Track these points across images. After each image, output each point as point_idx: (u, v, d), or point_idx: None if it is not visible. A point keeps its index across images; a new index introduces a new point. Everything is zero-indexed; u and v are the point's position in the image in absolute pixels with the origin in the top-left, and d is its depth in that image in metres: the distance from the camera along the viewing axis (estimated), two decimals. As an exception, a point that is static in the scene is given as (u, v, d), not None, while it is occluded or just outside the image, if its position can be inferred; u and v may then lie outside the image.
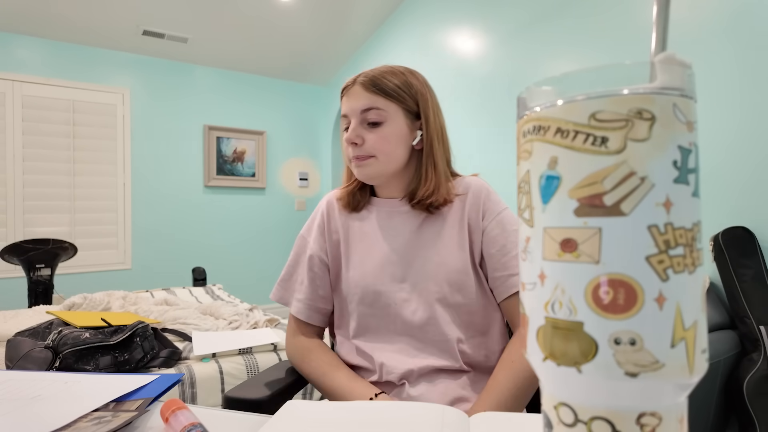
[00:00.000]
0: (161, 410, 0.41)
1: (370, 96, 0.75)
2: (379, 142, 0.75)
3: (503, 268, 0.75)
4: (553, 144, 0.20)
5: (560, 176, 0.19)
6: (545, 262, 0.20)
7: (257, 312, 2.00)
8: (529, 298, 0.21)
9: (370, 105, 0.75)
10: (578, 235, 0.19)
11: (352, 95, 0.76)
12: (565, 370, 0.19)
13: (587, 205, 0.19)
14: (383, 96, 0.75)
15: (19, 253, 2.59)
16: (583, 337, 0.19)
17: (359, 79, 0.77)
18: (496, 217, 0.78)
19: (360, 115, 0.76)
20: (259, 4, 3.03)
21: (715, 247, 1.48)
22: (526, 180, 0.21)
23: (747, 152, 1.46)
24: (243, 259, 4.00)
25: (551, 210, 0.20)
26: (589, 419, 0.19)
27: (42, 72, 3.23)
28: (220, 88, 3.92)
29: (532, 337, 0.21)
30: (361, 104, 0.75)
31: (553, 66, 2.12)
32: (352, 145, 0.77)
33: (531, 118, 0.21)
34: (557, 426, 0.21)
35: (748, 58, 1.46)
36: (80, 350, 1.22)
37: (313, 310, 0.84)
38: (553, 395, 0.21)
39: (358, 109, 0.76)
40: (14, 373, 0.54)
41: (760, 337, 1.32)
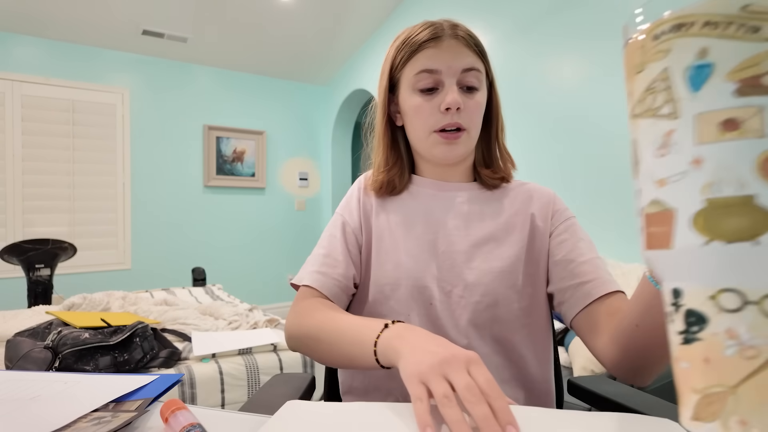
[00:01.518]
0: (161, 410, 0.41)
1: (472, 55, 0.63)
2: (476, 111, 0.64)
3: (571, 276, 0.63)
4: (701, 36, 0.22)
5: (713, 63, 0.21)
6: (702, 147, 0.21)
7: (257, 312, 2.00)
8: (677, 189, 0.22)
9: (473, 65, 0.63)
10: (741, 114, 0.20)
11: (449, 49, 0.62)
12: (737, 247, 0.20)
13: (748, 85, 0.20)
14: (480, 57, 0.65)
15: (18, 253, 2.59)
16: (756, 210, 0.20)
17: (458, 32, 0.63)
18: (564, 222, 0.68)
19: (459, 75, 0.62)
20: (259, 4, 3.03)
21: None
22: (662, 78, 0.23)
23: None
24: (243, 259, 4.00)
25: (705, 96, 0.21)
26: (761, 298, 0.20)
27: (42, 72, 3.23)
28: (219, 88, 3.92)
29: (685, 226, 0.22)
30: (464, 62, 0.62)
31: (555, 64, 2.12)
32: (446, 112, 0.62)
33: (667, 20, 0.23)
34: (716, 317, 0.21)
35: (748, 58, 1.45)
36: (80, 350, 1.22)
37: (342, 290, 0.67)
38: (713, 283, 0.21)
39: (459, 67, 0.62)
40: (14, 374, 0.54)
41: (760, 337, 1.32)
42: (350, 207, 0.72)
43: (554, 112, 2.13)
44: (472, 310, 0.63)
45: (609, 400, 0.63)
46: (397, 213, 0.70)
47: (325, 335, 0.57)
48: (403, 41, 0.65)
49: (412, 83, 0.64)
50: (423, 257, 0.65)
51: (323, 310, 0.61)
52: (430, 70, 0.62)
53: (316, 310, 0.61)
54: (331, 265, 0.67)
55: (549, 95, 2.14)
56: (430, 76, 0.63)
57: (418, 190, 0.71)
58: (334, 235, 0.70)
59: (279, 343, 1.55)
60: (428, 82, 0.63)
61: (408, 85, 0.65)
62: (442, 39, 0.62)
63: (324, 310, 0.61)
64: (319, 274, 0.66)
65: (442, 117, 0.63)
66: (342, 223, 0.71)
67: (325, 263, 0.67)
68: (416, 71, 0.63)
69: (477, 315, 0.63)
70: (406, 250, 0.66)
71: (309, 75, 4.20)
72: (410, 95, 0.65)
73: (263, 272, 4.09)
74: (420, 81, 0.63)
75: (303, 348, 0.62)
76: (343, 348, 0.54)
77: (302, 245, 4.26)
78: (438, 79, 0.63)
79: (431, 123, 0.64)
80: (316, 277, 0.66)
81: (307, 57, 3.84)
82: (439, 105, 0.63)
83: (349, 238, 0.69)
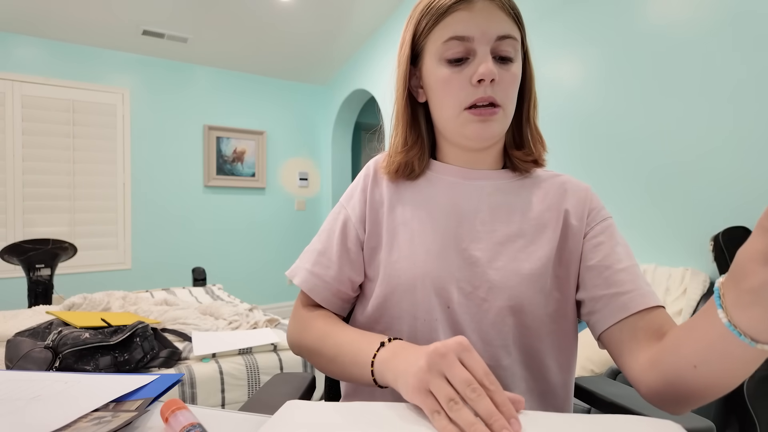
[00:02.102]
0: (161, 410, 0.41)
1: (508, 20, 0.55)
2: (512, 85, 0.57)
3: (605, 285, 0.55)
4: None
5: None
6: None
7: (257, 312, 2.00)
8: None
9: (509, 32, 0.55)
10: None
11: (483, 12, 0.54)
12: None
13: None
14: (517, 24, 0.57)
15: (18, 253, 2.59)
16: None
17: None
18: (601, 222, 0.60)
19: (494, 44, 0.54)
20: (259, 4, 3.03)
21: (715, 247, 1.48)
22: None
23: (747, 152, 1.46)
24: (243, 259, 4.00)
25: None
26: None
27: (42, 72, 3.23)
28: (219, 88, 3.92)
29: None
30: (500, 28, 0.54)
31: (555, 64, 2.12)
32: (479, 84, 0.54)
33: None
34: None
35: (748, 58, 1.46)
36: (80, 350, 1.22)
37: (333, 294, 0.63)
38: None
39: (494, 33, 0.54)
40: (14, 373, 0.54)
41: (760, 337, 1.32)
42: (354, 199, 0.66)
43: (556, 112, 2.13)
44: (495, 314, 0.56)
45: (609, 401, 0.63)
46: (414, 203, 0.63)
47: (325, 351, 0.57)
48: (429, 3, 0.57)
49: (440, 52, 0.56)
50: (442, 254, 0.58)
51: (322, 324, 0.60)
52: (461, 37, 0.54)
53: (315, 322, 0.61)
54: (325, 266, 0.63)
55: (549, 95, 2.14)
56: (460, 43, 0.54)
57: (439, 177, 0.64)
58: (333, 231, 0.65)
59: (279, 343, 1.55)
60: (458, 50, 0.55)
61: (434, 55, 0.57)
62: (473, 1, 0.54)
63: (322, 324, 0.60)
64: (311, 275, 0.63)
65: (474, 90, 0.55)
66: (343, 218, 0.65)
67: (318, 262, 0.64)
68: (445, 38, 0.55)
69: (500, 320, 0.56)
70: (422, 245, 0.59)
71: (309, 75, 4.20)
72: (437, 66, 0.57)
73: (263, 272, 4.09)
74: (449, 49, 0.55)
75: (305, 357, 0.62)
76: (342, 367, 0.54)
77: (302, 245, 4.26)
78: (470, 48, 0.54)
79: (462, 98, 0.56)
80: (308, 279, 0.63)
81: (307, 57, 3.84)
82: (470, 77, 0.55)
83: (349, 235, 0.64)
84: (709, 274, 1.53)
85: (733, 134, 1.50)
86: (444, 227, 0.60)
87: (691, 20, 1.60)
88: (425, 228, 0.60)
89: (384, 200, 0.64)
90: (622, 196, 1.85)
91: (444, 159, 0.65)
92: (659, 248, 1.72)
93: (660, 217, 1.72)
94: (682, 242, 1.64)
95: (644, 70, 1.76)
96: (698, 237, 1.58)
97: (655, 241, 1.73)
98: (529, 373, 0.58)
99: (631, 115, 1.81)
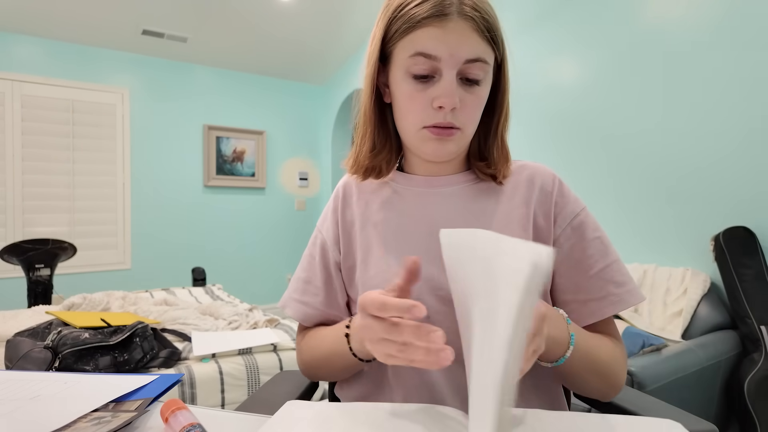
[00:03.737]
0: (161, 410, 0.41)
1: (481, 42, 0.52)
2: (474, 109, 0.55)
3: (575, 290, 0.57)
4: None
5: None
6: None
7: (257, 312, 2.00)
8: None
9: (479, 56, 0.52)
10: None
11: (454, 32, 0.51)
12: None
13: None
14: (491, 45, 0.53)
15: (18, 253, 2.59)
16: None
17: (466, 11, 0.51)
18: (572, 221, 0.59)
19: (461, 67, 0.52)
20: (259, 4, 3.03)
21: (716, 246, 1.48)
22: None
23: (748, 152, 1.46)
24: (243, 259, 4.00)
25: None
26: None
27: (41, 72, 3.23)
28: (219, 88, 3.91)
29: None
30: (470, 51, 0.51)
31: (556, 64, 2.12)
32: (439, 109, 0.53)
33: None
34: None
35: (748, 58, 1.46)
36: (80, 350, 1.22)
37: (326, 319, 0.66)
38: None
39: (462, 56, 0.51)
40: (14, 373, 0.54)
41: (761, 337, 1.32)
42: (327, 222, 0.67)
43: (556, 112, 2.13)
44: None
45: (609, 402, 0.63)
46: (385, 219, 0.63)
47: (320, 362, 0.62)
48: (400, 7, 0.54)
49: (406, 65, 0.54)
50: None
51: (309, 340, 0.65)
52: (428, 55, 0.52)
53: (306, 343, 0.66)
54: (313, 293, 0.65)
55: (548, 95, 2.14)
56: (427, 61, 0.52)
57: (406, 189, 0.64)
58: (314, 257, 0.67)
59: (279, 343, 1.54)
60: (424, 67, 0.53)
61: (400, 66, 0.55)
62: (448, 17, 0.51)
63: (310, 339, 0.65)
64: (301, 304, 0.65)
65: (434, 113, 0.54)
66: (320, 243, 0.67)
67: (306, 291, 0.66)
68: (411, 52, 0.53)
69: None
70: (396, 259, 0.59)
71: (309, 75, 4.19)
72: (402, 78, 0.55)
73: (263, 272, 4.09)
74: (415, 65, 0.53)
75: (318, 377, 0.66)
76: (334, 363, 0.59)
77: (302, 245, 4.26)
78: (435, 66, 0.52)
79: (422, 118, 0.55)
80: (299, 309, 0.66)
81: (306, 57, 3.84)
82: (432, 99, 0.53)
83: (329, 259, 0.65)
84: (710, 274, 1.53)
85: (733, 134, 1.50)
86: (416, 238, 0.60)
87: (691, 21, 1.60)
88: (398, 242, 0.61)
89: (355, 220, 0.65)
90: (623, 196, 1.85)
91: (409, 167, 0.66)
92: (660, 248, 1.72)
93: (660, 217, 1.72)
94: (682, 242, 1.64)
95: (645, 71, 1.76)
96: (699, 237, 1.58)
97: (656, 241, 1.73)
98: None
99: (631, 115, 1.81)
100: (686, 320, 1.43)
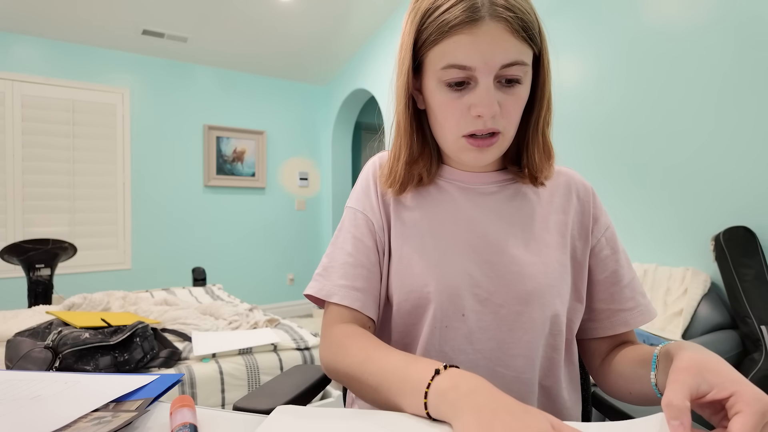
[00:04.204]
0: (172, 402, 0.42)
1: (517, 44, 0.48)
2: (515, 110, 0.52)
3: (610, 300, 0.59)
4: None
5: None
6: None
7: (257, 312, 2.00)
8: None
9: (515, 59, 0.49)
10: None
11: (487, 37, 0.47)
12: None
13: None
14: (528, 44, 0.50)
15: (18, 253, 2.59)
16: None
17: (502, 11, 0.47)
18: (605, 233, 0.60)
19: (498, 71, 0.49)
20: (259, 4, 3.03)
21: (716, 246, 1.48)
22: None
23: (748, 152, 1.46)
24: (243, 259, 4.00)
25: None
26: None
27: (42, 72, 3.23)
28: (219, 88, 3.91)
29: None
30: (506, 56, 0.48)
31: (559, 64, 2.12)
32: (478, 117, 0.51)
33: None
34: None
35: (748, 58, 1.45)
36: (80, 350, 1.22)
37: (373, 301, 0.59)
38: None
39: (498, 63, 0.48)
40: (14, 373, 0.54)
41: (761, 336, 1.32)
42: (371, 202, 0.61)
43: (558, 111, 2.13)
44: (513, 320, 0.55)
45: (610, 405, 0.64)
46: (423, 208, 0.60)
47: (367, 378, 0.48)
48: (429, 11, 0.50)
49: (438, 75, 0.51)
50: (454, 261, 0.56)
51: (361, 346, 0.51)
52: (461, 66, 0.49)
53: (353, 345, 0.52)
54: (365, 277, 0.58)
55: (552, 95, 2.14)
56: (460, 71, 0.49)
57: (447, 183, 0.61)
58: (361, 240, 0.59)
59: (279, 343, 1.55)
60: (458, 76, 0.50)
61: (433, 76, 0.52)
62: (479, 22, 0.47)
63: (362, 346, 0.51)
64: (354, 290, 0.57)
65: (473, 121, 0.51)
66: (366, 224, 0.60)
67: (359, 275, 0.57)
68: (443, 65, 0.50)
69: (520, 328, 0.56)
70: (434, 252, 0.57)
71: (309, 75, 4.20)
72: (436, 87, 0.52)
73: (263, 272, 4.09)
74: (448, 75, 0.50)
75: (342, 383, 0.55)
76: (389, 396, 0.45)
77: (302, 245, 4.26)
78: (471, 75, 0.49)
79: (461, 126, 0.52)
80: (352, 295, 0.56)
81: (307, 57, 3.84)
82: (469, 106, 0.51)
83: (379, 243, 0.60)
84: (710, 274, 1.53)
85: (734, 134, 1.50)
86: (454, 234, 0.58)
87: (697, 21, 1.60)
88: (435, 235, 0.58)
89: (391, 205, 0.61)
90: (624, 196, 1.85)
91: (449, 162, 0.63)
92: (660, 248, 1.72)
93: (661, 216, 1.72)
94: (683, 242, 1.64)
95: (648, 71, 1.75)
96: (699, 237, 1.58)
97: (656, 240, 1.73)
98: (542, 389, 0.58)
99: (633, 115, 1.81)
100: (686, 320, 1.43)
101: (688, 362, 0.37)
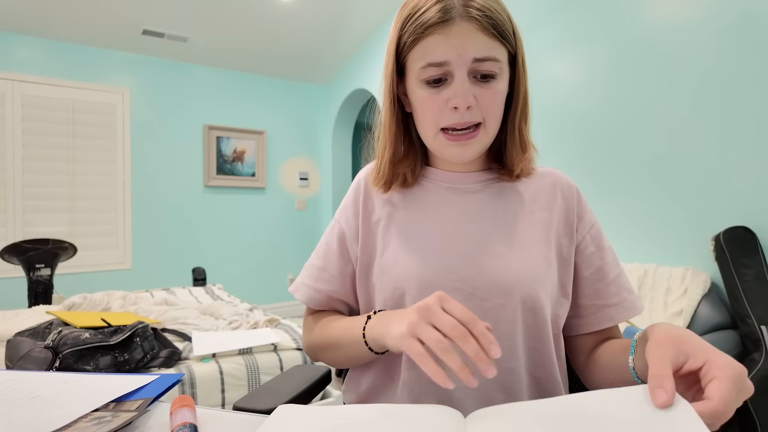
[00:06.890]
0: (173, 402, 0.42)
1: (488, 41, 0.52)
2: (493, 101, 0.55)
3: (595, 296, 0.60)
4: None
5: None
6: None
7: (257, 312, 2.00)
8: None
9: (489, 54, 0.53)
10: None
11: (459, 36, 0.52)
12: None
13: None
14: (500, 41, 0.54)
15: (18, 253, 2.59)
16: None
17: (472, 12, 0.52)
18: (590, 230, 0.62)
19: (471, 65, 0.53)
20: (259, 4, 3.03)
21: (716, 246, 1.48)
22: None
23: (748, 152, 1.46)
24: (243, 259, 4.00)
25: None
26: None
27: (42, 72, 3.23)
28: (219, 88, 3.91)
29: None
30: (476, 51, 0.52)
31: (557, 62, 2.12)
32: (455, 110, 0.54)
33: None
34: None
35: (748, 58, 1.45)
36: (80, 350, 1.22)
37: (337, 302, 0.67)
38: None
39: (470, 56, 0.52)
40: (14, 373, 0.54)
41: (761, 336, 1.32)
42: (347, 213, 0.66)
43: (557, 110, 2.13)
44: (497, 314, 0.56)
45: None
46: (408, 211, 0.63)
47: (328, 341, 0.61)
48: (409, 16, 0.55)
49: (418, 75, 0.55)
50: (438, 258, 0.58)
51: (322, 322, 0.64)
52: (437, 63, 0.53)
53: (318, 322, 0.65)
54: (327, 281, 0.66)
55: (550, 93, 2.14)
56: (437, 68, 0.53)
57: (431, 183, 0.64)
58: (331, 246, 0.67)
59: (279, 342, 1.55)
60: (435, 73, 0.54)
61: (414, 75, 0.56)
62: (451, 22, 0.51)
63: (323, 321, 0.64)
64: (313, 290, 0.66)
65: (450, 114, 0.54)
66: (339, 233, 0.66)
67: (320, 278, 0.66)
68: (422, 64, 0.54)
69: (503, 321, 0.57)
70: (417, 250, 0.59)
71: (309, 75, 4.19)
72: (416, 86, 0.56)
73: (263, 272, 4.09)
74: (425, 73, 0.54)
75: (320, 358, 0.65)
76: (344, 349, 0.58)
77: (302, 245, 4.26)
78: (447, 70, 0.53)
79: (438, 119, 0.55)
80: (310, 294, 0.66)
81: (307, 57, 3.84)
82: (447, 100, 0.54)
83: (350, 249, 0.65)
84: (710, 274, 1.53)
85: (734, 134, 1.50)
86: (438, 231, 0.60)
87: (694, 20, 1.60)
88: (419, 233, 0.61)
89: (376, 211, 0.65)
90: (623, 196, 1.85)
91: (434, 163, 0.66)
92: (660, 248, 1.72)
93: (661, 216, 1.72)
94: (683, 242, 1.64)
95: (647, 69, 1.75)
96: (699, 237, 1.58)
97: (656, 240, 1.73)
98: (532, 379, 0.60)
99: (633, 114, 1.81)
100: (686, 320, 1.43)
101: (664, 337, 0.40)
